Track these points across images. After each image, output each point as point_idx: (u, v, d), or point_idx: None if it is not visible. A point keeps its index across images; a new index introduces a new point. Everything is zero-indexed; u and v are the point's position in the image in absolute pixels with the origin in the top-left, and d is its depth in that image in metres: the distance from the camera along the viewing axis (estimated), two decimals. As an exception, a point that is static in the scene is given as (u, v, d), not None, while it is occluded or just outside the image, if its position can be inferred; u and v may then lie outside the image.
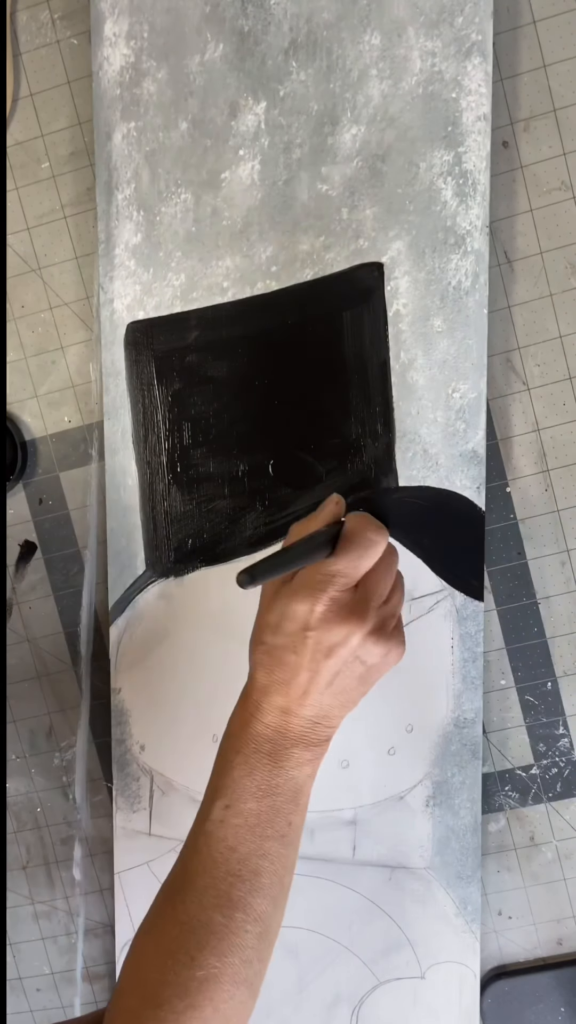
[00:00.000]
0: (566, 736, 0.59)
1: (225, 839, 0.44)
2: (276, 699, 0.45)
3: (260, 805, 0.45)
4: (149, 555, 0.59)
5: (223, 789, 0.45)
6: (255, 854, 0.45)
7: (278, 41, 0.54)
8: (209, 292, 0.57)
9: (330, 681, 0.45)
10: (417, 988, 0.59)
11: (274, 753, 0.45)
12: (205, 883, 0.44)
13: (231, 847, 0.44)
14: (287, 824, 0.46)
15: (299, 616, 0.44)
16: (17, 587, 0.63)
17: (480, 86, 0.53)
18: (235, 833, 0.45)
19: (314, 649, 0.44)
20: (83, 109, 0.59)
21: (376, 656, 0.46)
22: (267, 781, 0.45)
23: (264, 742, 0.45)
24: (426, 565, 0.56)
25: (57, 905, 0.65)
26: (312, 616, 0.44)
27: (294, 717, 0.45)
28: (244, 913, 0.44)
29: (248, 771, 0.45)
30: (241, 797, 0.45)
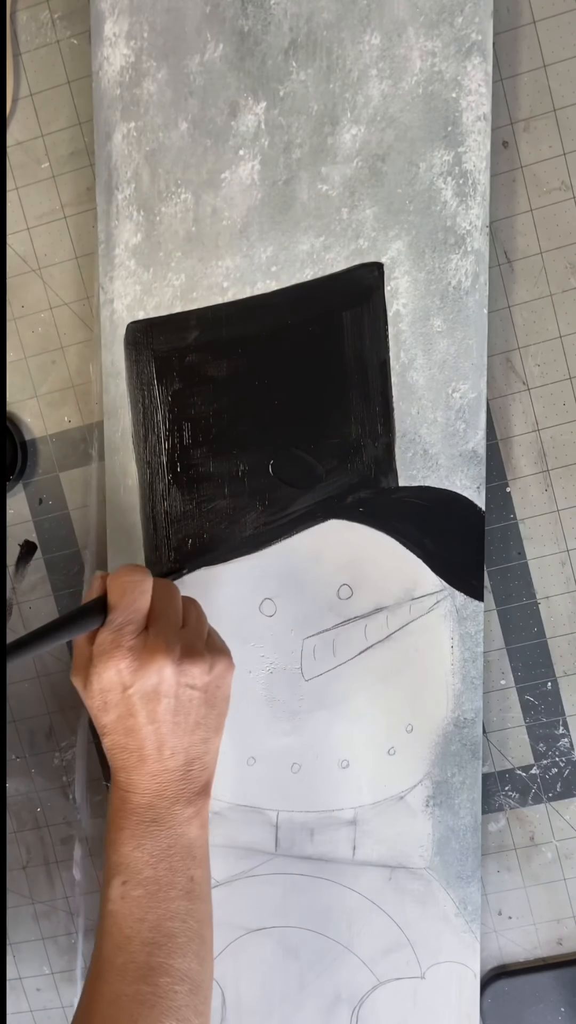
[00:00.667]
0: (566, 736, 0.59)
1: (131, 913, 0.45)
2: (141, 768, 0.46)
3: (156, 871, 0.46)
4: (149, 555, 0.59)
5: (117, 867, 0.46)
6: (164, 918, 0.45)
7: (278, 41, 0.54)
8: (209, 292, 0.57)
9: (175, 721, 0.46)
10: (417, 988, 0.59)
11: (157, 819, 0.46)
12: (123, 960, 0.45)
13: (139, 919, 0.45)
14: (189, 880, 0.46)
15: (113, 682, 0.45)
16: (17, 587, 0.63)
17: (480, 86, 0.53)
18: (139, 905, 0.45)
19: (142, 702, 0.45)
20: (83, 109, 0.59)
21: (200, 675, 0.46)
22: (157, 847, 0.46)
23: (145, 811, 0.46)
24: (426, 565, 0.56)
25: (57, 905, 0.65)
26: (123, 675, 0.45)
27: (164, 775, 0.46)
28: (169, 976, 0.44)
29: (136, 844, 0.46)
30: (136, 870, 0.46)
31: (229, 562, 0.58)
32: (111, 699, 0.45)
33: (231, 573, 0.58)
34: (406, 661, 0.57)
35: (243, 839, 0.60)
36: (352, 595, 0.57)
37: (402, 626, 0.57)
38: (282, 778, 0.59)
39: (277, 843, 0.59)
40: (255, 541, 0.58)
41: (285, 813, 0.59)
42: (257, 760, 0.59)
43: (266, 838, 0.60)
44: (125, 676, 0.45)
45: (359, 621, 0.57)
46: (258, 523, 0.57)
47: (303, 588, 0.57)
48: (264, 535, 0.57)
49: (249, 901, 0.60)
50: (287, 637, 0.58)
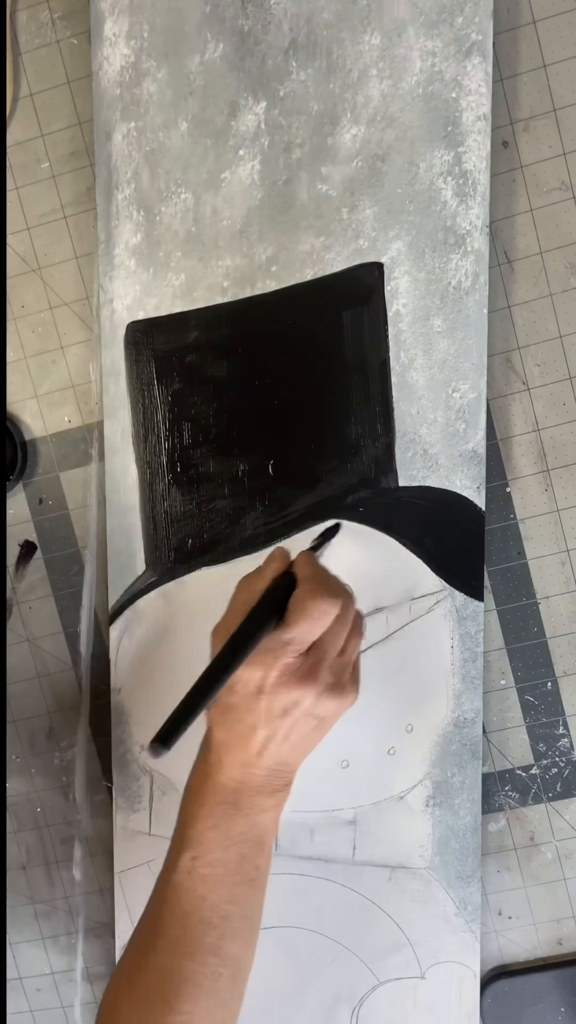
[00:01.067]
0: (566, 736, 0.59)
1: (195, 889, 0.46)
2: (236, 753, 0.46)
3: (227, 854, 0.46)
4: (149, 555, 0.59)
5: (189, 841, 0.46)
6: (225, 901, 0.46)
7: (278, 41, 0.54)
8: (209, 292, 0.57)
9: (286, 736, 0.46)
10: (417, 988, 0.59)
11: (237, 803, 0.46)
12: (177, 933, 0.45)
13: (201, 896, 0.45)
14: (254, 868, 0.47)
15: (253, 682, 0.45)
16: (17, 587, 0.63)
17: (480, 86, 0.53)
18: (204, 883, 0.46)
19: (268, 710, 0.45)
20: (83, 109, 0.59)
21: (330, 710, 0.47)
22: (232, 830, 0.46)
23: (228, 793, 0.46)
24: (426, 565, 0.56)
25: (57, 905, 0.65)
26: (266, 682, 0.45)
27: (254, 769, 0.46)
28: (217, 958, 0.45)
29: (213, 823, 0.46)
30: (208, 848, 0.46)
31: (229, 562, 0.58)
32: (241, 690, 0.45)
33: (231, 573, 0.58)
34: (406, 661, 0.57)
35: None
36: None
37: (402, 626, 0.57)
38: (282, 778, 0.59)
39: (277, 843, 0.59)
40: (255, 541, 0.58)
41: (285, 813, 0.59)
42: (257, 760, 0.59)
43: (266, 838, 0.59)
44: (267, 684, 0.45)
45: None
46: (258, 523, 0.57)
47: (303, 588, 0.57)
48: (264, 535, 0.57)
49: (249, 901, 0.60)
50: (287, 637, 0.58)
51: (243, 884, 0.46)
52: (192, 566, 0.58)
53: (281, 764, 0.47)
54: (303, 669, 0.45)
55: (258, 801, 0.47)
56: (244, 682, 0.45)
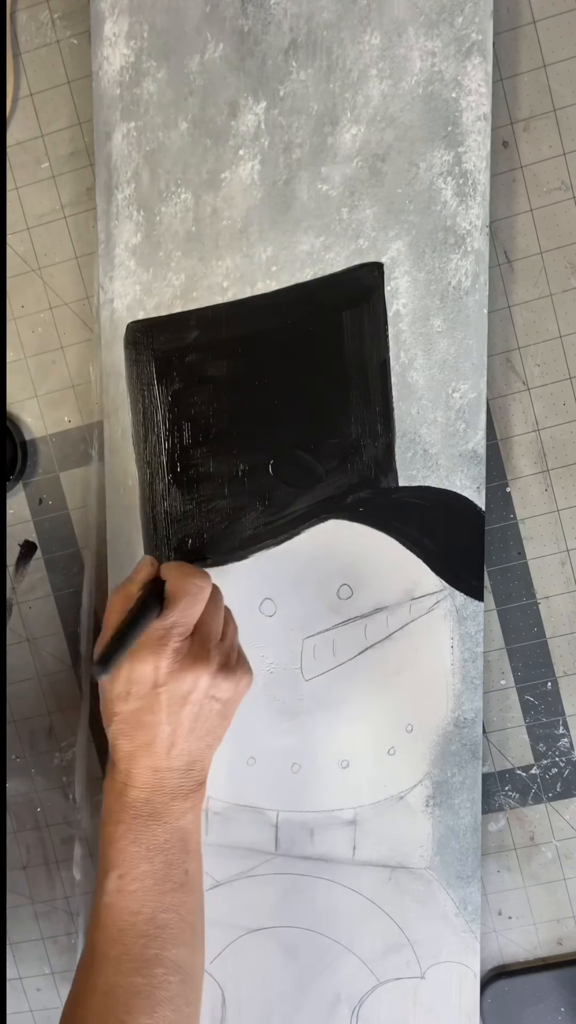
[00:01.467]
0: (566, 736, 0.59)
1: (127, 906, 0.46)
2: (144, 761, 0.46)
3: (153, 865, 0.46)
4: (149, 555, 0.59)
5: (113, 860, 0.46)
6: (159, 910, 0.46)
7: (278, 41, 0.54)
8: (209, 292, 0.57)
9: (192, 727, 0.46)
10: (417, 988, 0.59)
11: (154, 814, 0.46)
12: (118, 952, 0.45)
13: (134, 911, 0.46)
14: (183, 873, 0.47)
15: (146, 677, 0.45)
16: (17, 587, 0.63)
17: (480, 86, 0.53)
18: (134, 898, 0.46)
19: (168, 703, 0.45)
20: (83, 109, 0.59)
21: (228, 691, 0.47)
22: (153, 841, 0.46)
23: (142, 805, 0.46)
24: (426, 565, 0.56)
25: (57, 905, 0.65)
26: (159, 673, 0.45)
27: (166, 772, 0.47)
28: (163, 967, 0.45)
29: (133, 838, 0.46)
30: (132, 863, 0.46)
31: (229, 562, 0.58)
32: (137, 691, 0.46)
33: (231, 573, 0.58)
34: (406, 661, 0.57)
35: (243, 839, 0.60)
36: (352, 595, 0.57)
37: (402, 626, 0.57)
38: (282, 778, 0.59)
39: (277, 843, 0.59)
40: (255, 541, 0.58)
41: (285, 813, 0.59)
42: (257, 760, 0.59)
43: (266, 838, 0.60)
44: (160, 675, 0.45)
45: (359, 621, 0.57)
46: (258, 523, 0.57)
47: (303, 588, 0.57)
48: (264, 535, 0.57)
49: (249, 901, 0.60)
50: (287, 637, 0.58)
51: (175, 891, 0.47)
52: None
53: (192, 761, 0.47)
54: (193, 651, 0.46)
55: (174, 806, 0.47)
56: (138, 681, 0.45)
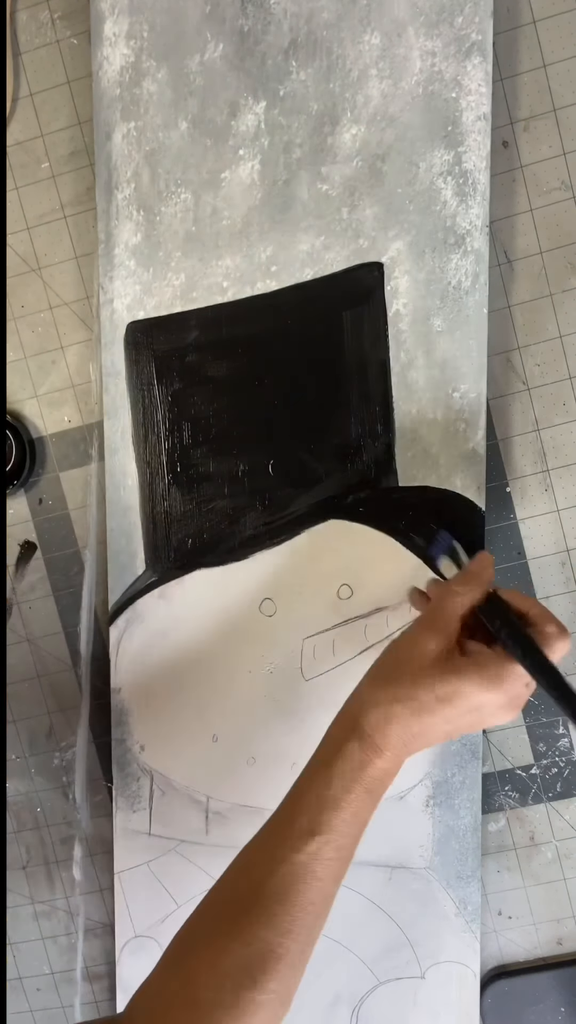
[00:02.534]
0: (566, 736, 0.59)
1: (315, 872, 0.44)
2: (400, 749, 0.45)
3: (354, 841, 0.45)
4: (149, 555, 0.59)
5: (325, 826, 0.45)
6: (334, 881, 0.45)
7: (278, 41, 0.54)
8: (209, 292, 0.57)
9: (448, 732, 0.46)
10: (417, 988, 0.59)
11: (372, 791, 0.45)
12: (282, 909, 0.44)
13: (319, 878, 0.44)
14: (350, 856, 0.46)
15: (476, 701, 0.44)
16: (17, 587, 0.63)
17: (480, 86, 0.53)
18: (326, 867, 0.44)
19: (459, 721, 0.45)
20: (83, 109, 0.59)
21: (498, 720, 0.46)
22: (366, 817, 0.46)
23: (375, 784, 0.45)
24: (426, 565, 0.56)
25: (57, 905, 0.65)
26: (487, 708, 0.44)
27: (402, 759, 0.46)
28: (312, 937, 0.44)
29: (356, 811, 0.45)
30: (342, 834, 0.45)
31: (229, 563, 0.58)
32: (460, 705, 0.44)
33: (231, 573, 0.58)
34: (406, 661, 0.57)
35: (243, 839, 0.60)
36: (352, 595, 0.57)
37: (402, 626, 0.57)
38: (282, 778, 0.59)
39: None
40: (255, 541, 0.58)
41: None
42: (257, 760, 0.59)
43: (266, 838, 0.59)
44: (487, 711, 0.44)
45: (359, 621, 0.57)
46: (258, 523, 0.57)
47: (303, 588, 0.57)
48: (264, 535, 0.57)
49: (249, 901, 0.60)
50: (287, 637, 0.58)
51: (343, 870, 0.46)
52: (192, 566, 0.58)
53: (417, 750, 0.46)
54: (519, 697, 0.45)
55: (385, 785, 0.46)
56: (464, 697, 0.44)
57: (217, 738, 0.59)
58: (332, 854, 0.44)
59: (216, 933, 0.44)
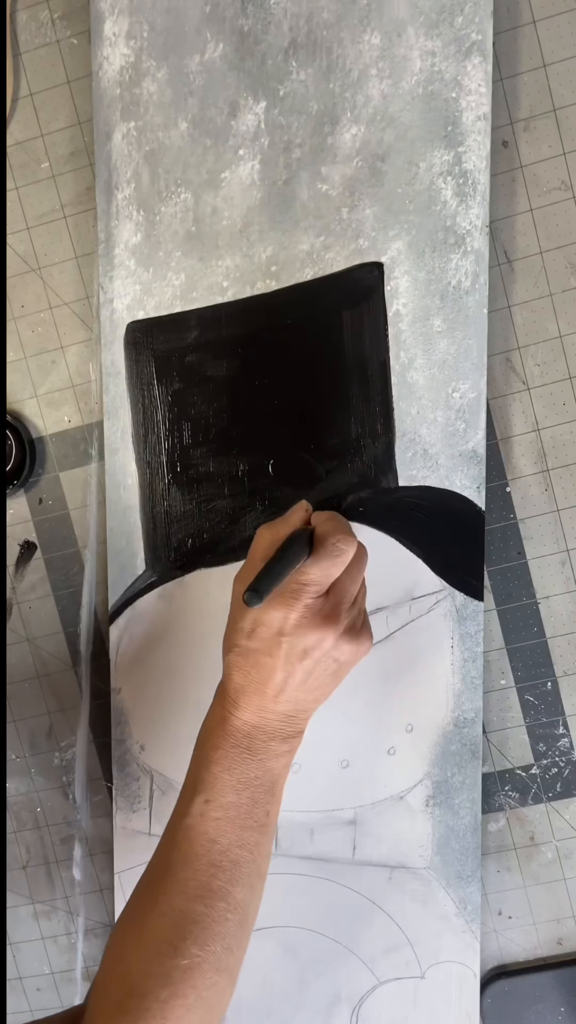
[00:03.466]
0: (566, 736, 0.59)
1: (206, 832, 0.46)
2: (253, 697, 0.47)
3: (239, 798, 0.47)
4: (149, 555, 0.59)
5: (202, 784, 0.47)
6: (235, 845, 0.46)
7: (278, 41, 0.54)
8: (209, 292, 0.57)
9: (304, 680, 0.47)
10: (417, 988, 0.59)
11: (251, 747, 0.47)
12: (187, 875, 0.45)
13: (212, 839, 0.46)
14: (265, 814, 0.47)
15: (274, 623, 0.46)
16: (17, 587, 0.63)
17: (480, 86, 0.53)
18: (216, 826, 0.46)
19: (288, 652, 0.46)
20: (83, 109, 0.59)
21: (348, 654, 0.47)
22: (245, 774, 0.47)
23: (242, 737, 0.47)
24: (426, 565, 0.56)
25: (57, 905, 0.65)
26: (287, 623, 0.45)
27: (270, 713, 0.47)
28: (225, 902, 0.45)
29: (227, 766, 0.47)
30: (221, 791, 0.46)
31: (229, 563, 0.58)
32: (262, 633, 0.46)
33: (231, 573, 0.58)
34: (406, 661, 0.57)
35: (243, 839, 0.60)
36: (352, 595, 0.57)
37: (402, 626, 0.57)
38: (282, 778, 0.59)
39: (277, 843, 0.59)
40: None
41: (285, 813, 0.59)
42: (257, 760, 0.59)
43: (266, 838, 0.59)
44: (288, 626, 0.45)
45: (359, 621, 0.57)
46: (258, 523, 0.57)
47: (303, 588, 0.57)
48: (264, 535, 0.57)
49: (249, 901, 0.60)
50: (287, 637, 0.58)
51: (253, 829, 0.47)
52: (192, 566, 0.58)
53: (297, 710, 0.47)
54: (325, 610, 0.46)
55: (272, 746, 0.47)
56: (265, 624, 0.46)
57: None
58: (218, 813, 0.46)
59: (138, 908, 0.46)
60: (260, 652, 0.46)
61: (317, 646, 0.46)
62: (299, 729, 0.48)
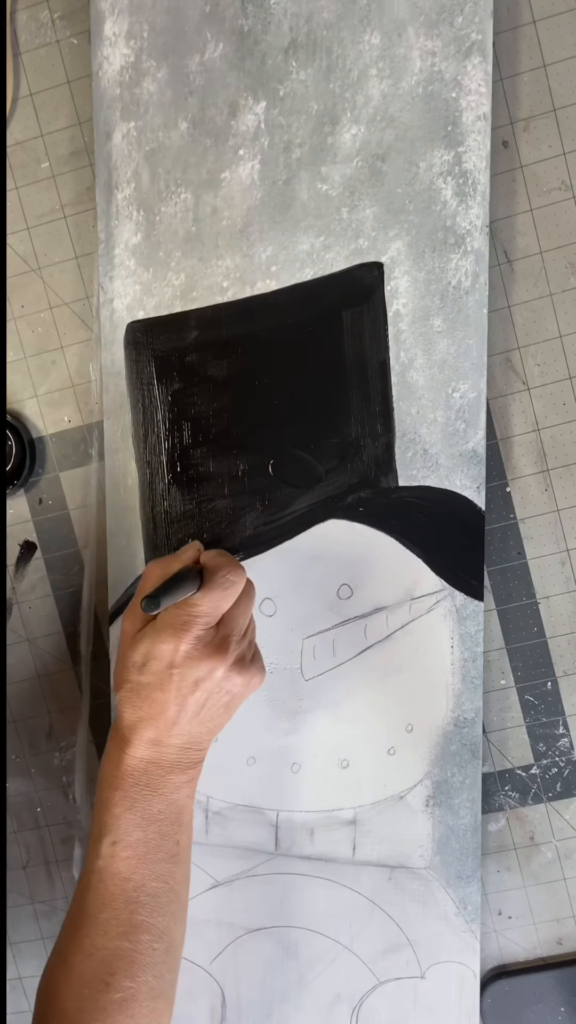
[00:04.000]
0: (566, 736, 0.59)
1: (119, 872, 0.47)
2: (146, 733, 0.47)
3: (146, 834, 0.47)
4: (149, 555, 0.59)
5: (107, 827, 0.47)
6: (149, 879, 0.47)
7: (278, 41, 0.54)
8: (209, 292, 0.57)
9: (197, 712, 0.47)
10: (417, 988, 0.59)
11: (151, 784, 0.47)
12: (107, 916, 0.46)
13: (125, 877, 0.47)
14: (175, 844, 0.48)
15: (165, 655, 0.46)
16: (17, 587, 0.63)
17: (480, 86, 0.53)
18: (127, 864, 0.47)
19: (179, 684, 0.46)
20: (83, 109, 0.59)
21: (239, 685, 0.48)
22: (148, 810, 0.47)
23: (140, 775, 0.47)
24: (426, 565, 0.56)
25: (57, 905, 0.65)
26: (177, 655, 0.46)
27: (165, 747, 0.47)
28: (149, 934, 0.46)
29: (129, 805, 0.47)
30: (126, 831, 0.47)
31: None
32: (153, 667, 0.46)
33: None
34: (406, 661, 0.57)
35: (243, 839, 0.60)
36: (352, 595, 0.57)
37: (402, 626, 0.57)
38: (282, 778, 0.59)
39: (277, 843, 0.59)
40: (255, 541, 0.58)
41: (285, 813, 0.59)
42: (257, 760, 0.59)
43: (266, 838, 0.60)
44: (178, 658, 0.46)
45: (359, 621, 0.57)
46: (258, 523, 0.57)
47: (303, 588, 0.57)
48: (264, 535, 0.57)
49: (249, 901, 0.60)
50: (287, 637, 0.58)
51: (165, 861, 0.48)
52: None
53: (192, 742, 0.48)
54: (215, 641, 0.47)
55: (171, 779, 0.48)
56: (156, 657, 0.46)
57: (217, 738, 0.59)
58: (127, 852, 0.47)
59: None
60: (152, 686, 0.46)
61: (208, 677, 0.46)
62: (197, 759, 0.49)
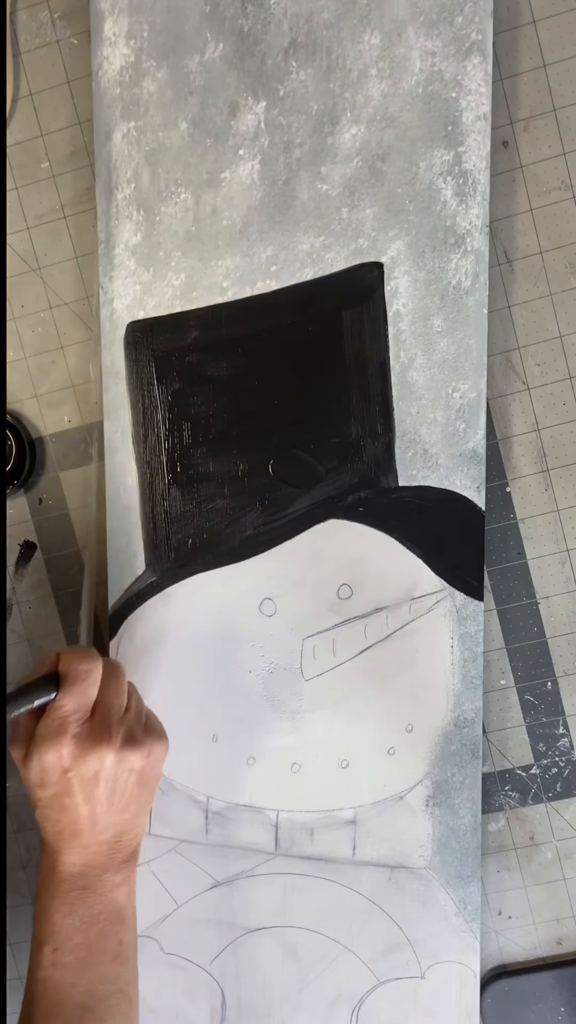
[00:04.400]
0: (566, 736, 0.59)
1: (63, 979, 0.47)
2: (72, 840, 0.47)
3: (87, 936, 0.47)
4: (149, 555, 0.59)
5: (47, 935, 0.47)
6: (95, 981, 0.47)
7: (278, 41, 0.54)
8: (209, 292, 0.57)
9: (110, 802, 0.47)
10: (417, 988, 0.59)
11: (88, 886, 0.48)
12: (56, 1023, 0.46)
13: (71, 984, 0.47)
14: (118, 944, 0.48)
15: (54, 764, 0.46)
16: (17, 587, 0.63)
17: (480, 86, 0.53)
18: (71, 970, 0.47)
19: (80, 785, 0.46)
20: (83, 109, 0.59)
21: (138, 761, 0.48)
22: (87, 913, 0.47)
23: (76, 879, 0.48)
24: (426, 565, 0.56)
25: (57, 905, 0.65)
26: (63, 759, 0.46)
27: (94, 846, 0.48)
28: None
29: (67, 912, 0.47)
30: (67, 936, 0.47)
31: (229, 563, 0.58)
32: (49, 778, 0.47)
33: (231, 573, 0.58)
34: (406, 661, 0.57)
35: (243, 839, 0.60)
36: (352, 595, 0.57)
37: (402, 626, 0.57)
38: (282, 778, 0.59)
39: (277, 843, 0.59)
40: (255, 541, 0.58)
41: (285, 813, 0.59)
42: (257, 760, 0.59)
43: (266, 838, 0.60)
44: (66, 760, 0.46)
45: (359, 621, 0.57)
46: (258, 523, 0.57)
47: (303, 588, 0.57)
48: (264, 535, 0.57)
49: (249, 901, 0.60)
50: (287, 637, 0.58)
51: (110, 962, 0.47)
52: (192, 566, 0.58)
53: (121, 832, 0.48)
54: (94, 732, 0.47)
55: (107, 879, 0.48)
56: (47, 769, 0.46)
57: (217, 738, 0.59)
58: (69, 958, 0.47)
59: None
60: (58, 796, 0.47)
61: (101, 767, 0.46)
62: (130, 852, 0.49)
